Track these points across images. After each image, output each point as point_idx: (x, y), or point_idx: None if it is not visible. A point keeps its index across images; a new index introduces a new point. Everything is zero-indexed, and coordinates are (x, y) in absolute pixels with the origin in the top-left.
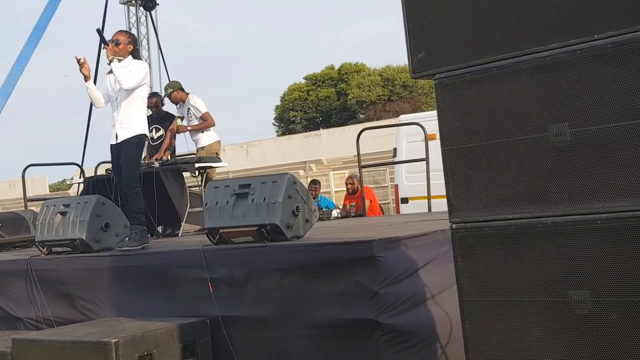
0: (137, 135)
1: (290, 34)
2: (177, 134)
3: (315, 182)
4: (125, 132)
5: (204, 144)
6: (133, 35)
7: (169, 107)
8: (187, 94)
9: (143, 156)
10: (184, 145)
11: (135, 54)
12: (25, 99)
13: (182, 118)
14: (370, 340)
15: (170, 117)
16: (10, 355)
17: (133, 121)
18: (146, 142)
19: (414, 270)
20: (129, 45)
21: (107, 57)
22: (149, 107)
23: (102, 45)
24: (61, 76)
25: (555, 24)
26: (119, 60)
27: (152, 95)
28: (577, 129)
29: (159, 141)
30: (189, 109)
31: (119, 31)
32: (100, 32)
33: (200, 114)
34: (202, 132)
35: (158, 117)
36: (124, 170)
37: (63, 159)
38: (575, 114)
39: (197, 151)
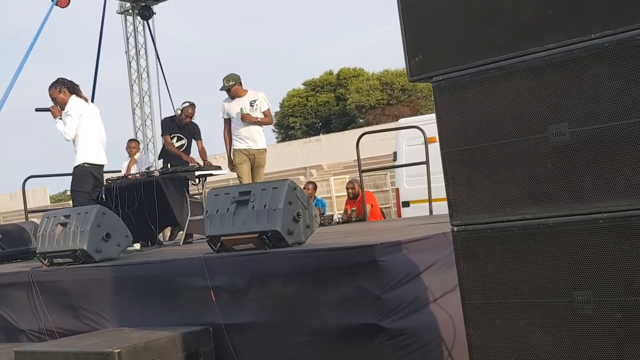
0: (76, 166)
1: (288, 40)
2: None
3: (309, 183)
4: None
5: (264, 146)
6: (59, 80)
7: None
8: (246, 90)
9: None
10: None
11: (73, 90)
12: (25, 110)
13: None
14: (374, 345)
15: (195, 128)
16: None
17: (78, 153)
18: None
19: (416, 274)
20: (62, 91)
21: (55, 119)
22: (188, 117)
23: (50, 112)
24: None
25: (552, 24)
26: (67, 114)
27: (190, 105)
28: (576, 129)
29: (181, 150)
30: (254, 101)
31: (49, 87)
32: (38, 109)
33: (264, 110)
34: (262, 132)
35: (182, 127)
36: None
37: (63, 170)
38: (574, 113)
39: (255, 151)
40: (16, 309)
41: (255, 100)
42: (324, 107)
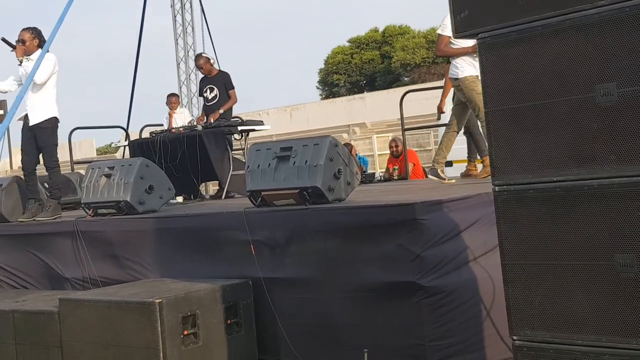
0: (49, 119)
1: None
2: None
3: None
4: (37, 116)
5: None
6: (36, 29)
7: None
8: None
9: (197, 116)
10: None
11: (42, 45)
12: (71, 63)
13: None
14: (412, 303)
15: (225, 76)
16: (57, 315)
17: (44, 107)
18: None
19: (456, 233)
20: (35, 40)
21: (17, 58)
22: (200, 68)
23: (12, 50)
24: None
25: None
26: (28, 59)
27: (198, 57)
28: (625, 89)
29: (214, 101)
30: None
31: (22, 30)
32: (5, 40)
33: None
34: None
35: (212, 78)
36: (44, 153)
37: (111, 123)
38: (623, 73)
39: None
40: (61, 258)
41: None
42: (369, 65)
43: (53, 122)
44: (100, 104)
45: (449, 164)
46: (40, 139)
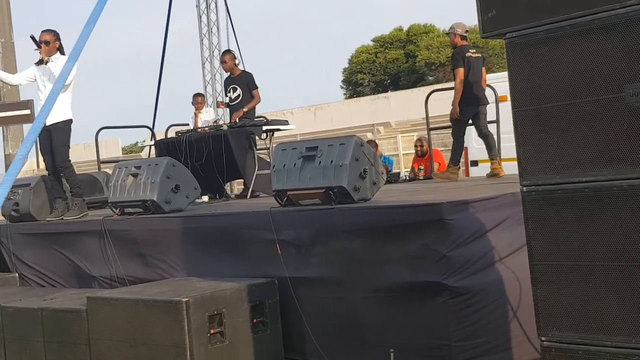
0: (65, 121)
1: None
2: None
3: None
4: (54, 116)
5: None
6: (56, 32)
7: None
8: None
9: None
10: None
11: (61, 49)
12: (97, 62)
13: None
14: (438, 303)
15: (248, 76)
16: (85, 313)
17: (61, 107)
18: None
19: (482, 233)
20: (56, 42)
21: (43, 58)
22: (223, 63)
23: (36, 48)
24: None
25: None
26: (51, 60)
27: (226, 52)
28: None
29: (237, 101)
30: None
31: (43, 31)
32: (33, 38)
33: None
34: None
35: (235, 78)
36: (57, 154)
37: (136, 122)
38: None
39: None
40: (89, 256)
41: None
42: (393, 64)
43: (68, 124)
44: (104, 104)
45: (475, 163)
46: (55, 138)
